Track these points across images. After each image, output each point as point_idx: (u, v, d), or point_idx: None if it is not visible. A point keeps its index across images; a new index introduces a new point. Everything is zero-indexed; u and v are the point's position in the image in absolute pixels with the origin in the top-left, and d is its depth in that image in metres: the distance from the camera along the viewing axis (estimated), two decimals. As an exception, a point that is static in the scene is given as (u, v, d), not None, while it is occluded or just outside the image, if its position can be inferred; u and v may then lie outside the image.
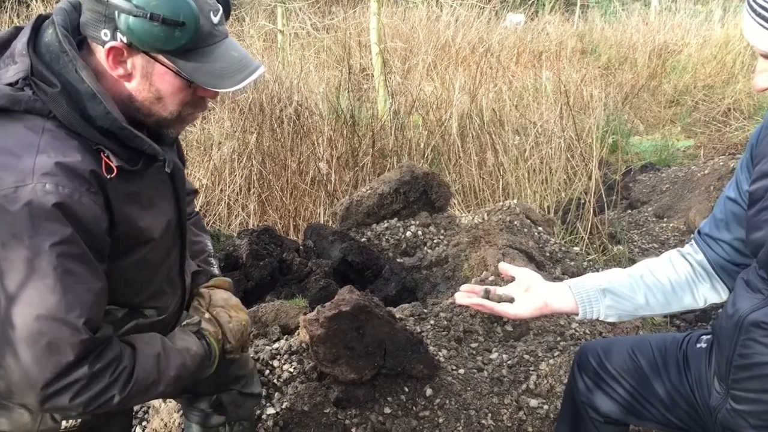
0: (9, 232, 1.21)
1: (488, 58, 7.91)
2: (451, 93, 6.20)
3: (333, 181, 4.97)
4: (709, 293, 1.60)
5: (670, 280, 1.59)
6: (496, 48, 9.01)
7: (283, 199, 4.92)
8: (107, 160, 1.30)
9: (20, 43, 1.30)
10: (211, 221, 4.78)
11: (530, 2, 12.09)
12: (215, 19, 1.33)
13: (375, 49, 6.80)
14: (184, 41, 1.27)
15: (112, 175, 1.30)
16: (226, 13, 1.41)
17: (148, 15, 1.23)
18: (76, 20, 1.35)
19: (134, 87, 1.34)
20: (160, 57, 1.30)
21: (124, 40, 1.27)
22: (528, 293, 1.60)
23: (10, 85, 1.27)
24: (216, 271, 1.88)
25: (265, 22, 9.56)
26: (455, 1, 10.21)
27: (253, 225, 4.59)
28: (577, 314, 1.59)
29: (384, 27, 8.10)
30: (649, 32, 11.01)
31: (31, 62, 1.28)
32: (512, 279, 1.66)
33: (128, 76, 1.33)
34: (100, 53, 1.32)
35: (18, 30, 1.36)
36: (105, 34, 1.28)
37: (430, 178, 3.83)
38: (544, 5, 12.03)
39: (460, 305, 2.83)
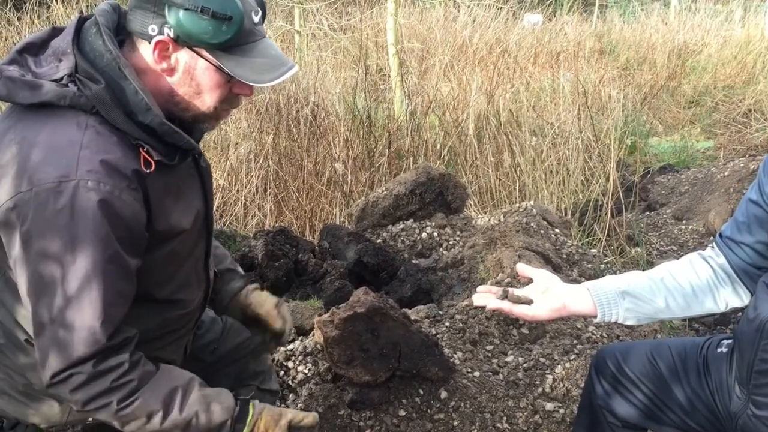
0: (49, 224, 1.26)
1: (505, 59, 7.87)
2: (468, 94, 6.18)
3: (349, 181, 4.97)
4: (731, 297, 1.58)
5: (691, 283, 1.57)
6: (513, 48, 8.96)
7: (300, 199, 4.92)
8: (146, 155, 1.35)
9: (64, 42, 1.36)
10: (228, 222, 4.80)
11: (548, 2, 12.02)
12: (256, 19, 1.38)
13: (392, 50, 6.79)
14: (230, 36, 1.31)
15: (151, 170, 1.35)
16: (263, 16, 1.45)
17: (199, 8, 1.28)
18: (116, 21, 1.40)
19: (176, 81, 1.39)
20: (203, 52, 1.35)
21: (171, 34, 1.32)
22: (546, 295, 1.58)
23: (56, 81, 1.32)
24: (242, 272, 1.93)
25: (282, 23, 9.58)
26: (472, 1, 10.17)
27: (270, 225, 4.60)
28: (595, 317, 1.57)
29: (401, 27, 8.09)
30: (668, 32, 10.91)
31: (75, 60, 1.33)
32: (530, 281, 1.64)
33: (171, 71, 1.38)
34: (145, 49, 1.37)
35: (55, 30, 1.42)
36: (152, 29, 1.33)
37: (446, 179, 3.81)
38: (562, 5, 11.96)
39: (476, 307, 2.82)
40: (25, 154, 1.28)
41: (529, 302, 1.58)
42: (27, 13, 8.39)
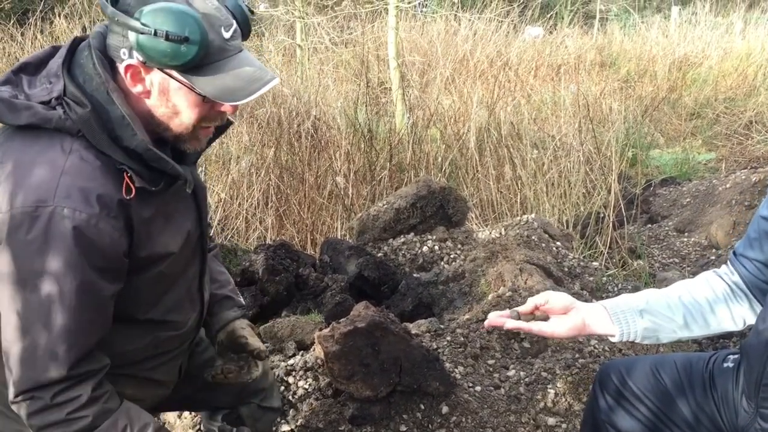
0: (22, 248, 1.25)
1: (506, 72, 7.91)
2: (469, 106, 6.19)
3: (350, 195, 4.97)
4: (748, 314, 1.57)
5: (708, 300, 1.56)
6: (514, 61, 9.00)
7: (301, 213, 4.92)
8: (129, 181, 1.33)
9: (56, 65, 1.36)
10: (229, 235, 4.79)
11: (549, 15, 12.07)
12: (227, 35, 1.34)
13: (393, 63, 6.82)
14: (191, 56, 1.28)
15: (131, 196, 1.33)
16: (246, 29, 1.42)
17: (153, 32, 1.25)
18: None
19: (153, 103, 1.37)
20: (174, 73, 1.32)
21: (140, 58, 1.30)
22: (566, 313, 1.58)
23: (44, 103, 1.32)
24: (242, 302, 1.90)
25: (284, 37, 9.64)
26: (473, 15, 10.21)
27: (271, 239, 4.59)
28: (613, 336, 1.56)
29: (402, 41, 8.13)
30: (669, 45, 10.95)
31: (64, 83, 1.32)
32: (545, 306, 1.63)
33: (147, 93, 1.36)
34: (123, 72, 1.35)
35: (55, 50, 1.42)
36: (124, 53, 1.32)
37: (446, 193, 3.81)
38: (562, 18, 12.01)
39: (477, 321, 2.81)
40: (7, 175, 1.28)
41: (544, 318, 1.58)
42: (30, 28, 8.44)
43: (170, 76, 1.33)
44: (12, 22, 8.63)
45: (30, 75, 1.38)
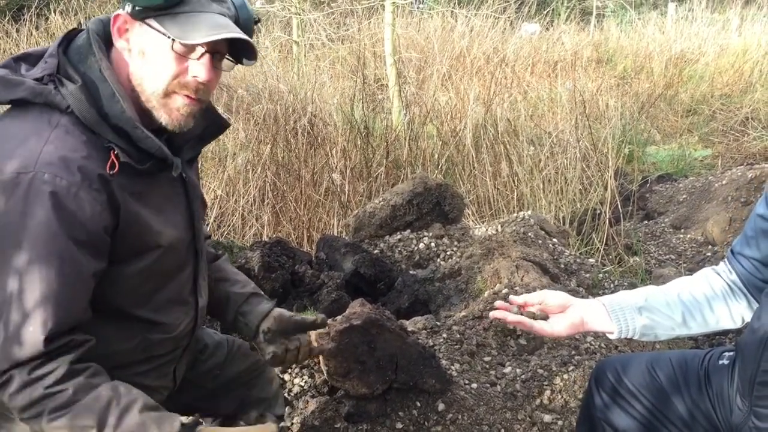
0: (3, 213, 1.24)
1: (503, 68, 7.89)
2: (466, 103, 6.19)
3: (347, 191, 4.96)
4: (746, 312, 1.57)
5: (707, 297, 1.57)
6: (511, 58, 8.99)
7: (297, 210, 4.91)
8: (114, 158, 1.33)
9: (52, 47, 1.39)
10: (225, 232, 4.79)
11: (545, 12, 12.06)
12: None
13: (389, 60, 6.81)
14: None
15: (114, 171, 1.33)
16: (246, 25, 1.45)
17: None
18: (108, 34, 1.42)
19: (132, 60, 1.39)
20: (153, 22, 1.36)
21: (128, 10, 1.36)
22: (564, 312, 1.59)
23: (37, 80, 1.34)
24: (267, 297, 1.88)
25: (280, 34, 9.62)
26: (470, 11, 10.20)
27: (267, 236, 4.58)
28: (612, 333, 1.57)
29: (399, 38, 8.12)
30: (665, 41, 10.95)
31: (59, 61, 1.36)
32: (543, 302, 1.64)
33: (128, 50, 1.39)
34: (118, 50, 1.40)
35: None
36: (122, 8, 1.38)
37: (443, 190, 3.81)
38: (559, 15, 12.01)
39: (474, 318, 2.81)
40: None
41: (545, 318, 1.58)
42: (25, 24, 8.41)
43: (149, 26, 1.36)
44: (7, 18, 8.60)
45: (29, 65, 1.40)
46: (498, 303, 1.64)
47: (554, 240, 3.86)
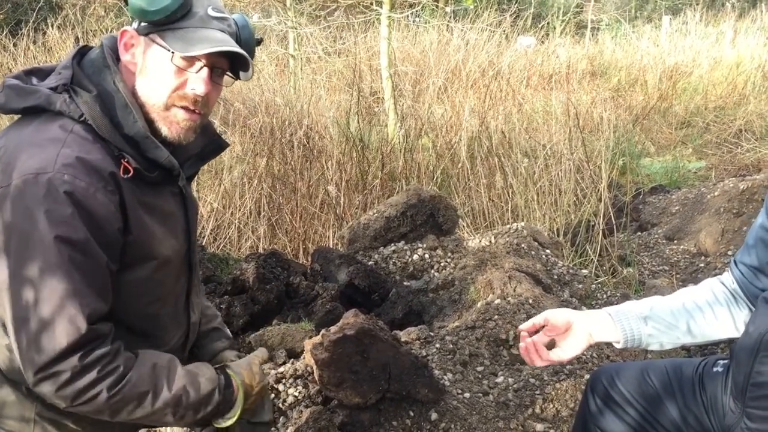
0: (24, 213, 1.27)
1: (498, 81, 7.94)
2: (461, 116, 6.23)
3: (342, 204, 4.99)
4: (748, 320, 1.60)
5: (711, 307, 1.60)
6: (506, 71, 9.04)
7: (293, 222, 4.94)
8: (126, 164, 1.38)
9: (66, 59, 1.44)
10: (222, 245, 4.80)
11: (540, 25, 12.14)
12: (213, 14, 1.43)
13: (385, 73, 6.85)
14: (166, 3, 1.36)
15: (129, 175, 1.38)
16: (247, 44, 1.50)
17: None
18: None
19: (137, 74, 1.44)
20: (156, 37, 1.40)
21: (135, 26, 1.42)
22: (570, 331, 1.61)
23: (51, 89, 1.39)
24: (230, 334, 1.91)
25: (277, 47, 9.68)
26: (466, 25, 10.27)
27: (263, 248, 4.61)
28: (618, 342, 1.59)
29: (395, 51, 8.17)
30: (659, 54, 11.02)
31: (73, 72, 1.41)
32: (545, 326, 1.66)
33: (134, 64, 1.44)
34: (125, 64, 1.45)
35: None
36: (127, 26, 1.45)
37: (436, 201, 3.84)
38: (554, 28, 12.06)
39: (467, 328, 2.83)
40: (8, 152, 1.32)
41: (552, 345, 1.61)
42: (23, 38, 8.46)
43: (153, 41, 1.41)
44: (5, 32, 8.65)
45: (40, 79, 1.45)
46: (523, 335, 1.67)
47: (547, 251, 3.89)
